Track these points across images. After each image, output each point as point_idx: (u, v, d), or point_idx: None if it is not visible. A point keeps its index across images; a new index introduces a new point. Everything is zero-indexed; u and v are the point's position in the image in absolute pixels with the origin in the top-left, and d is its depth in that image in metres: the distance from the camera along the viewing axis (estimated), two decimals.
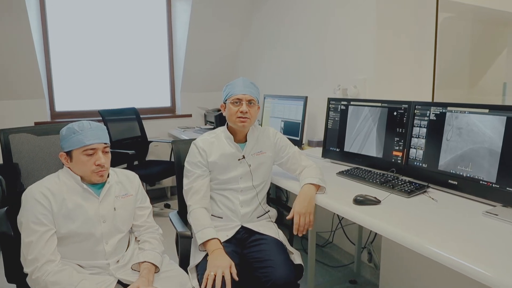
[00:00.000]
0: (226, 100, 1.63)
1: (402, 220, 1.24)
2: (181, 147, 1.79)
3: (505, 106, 1.33)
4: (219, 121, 3.34)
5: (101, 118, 3.15)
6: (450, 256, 0.99)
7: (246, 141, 1.67)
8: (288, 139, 1.78)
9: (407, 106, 1.71)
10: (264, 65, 3.50)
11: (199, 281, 1.37)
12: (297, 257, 1.55)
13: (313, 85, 2.81)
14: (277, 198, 3.07)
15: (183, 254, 1.53)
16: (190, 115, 4.01)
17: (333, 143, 2.06)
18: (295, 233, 1.48)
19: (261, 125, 1.89)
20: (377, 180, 1.61)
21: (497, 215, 1.22)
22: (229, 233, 1.58)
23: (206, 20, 3.55)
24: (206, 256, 1.43)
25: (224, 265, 1.34)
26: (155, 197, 3.77)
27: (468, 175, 1.41)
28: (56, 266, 1.21)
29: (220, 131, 1.69)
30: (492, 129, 1.34)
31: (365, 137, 1.90)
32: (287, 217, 1.51)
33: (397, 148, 1.74)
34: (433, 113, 1.56)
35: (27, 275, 1.24)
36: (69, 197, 1.31)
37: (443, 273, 1.59)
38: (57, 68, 3.40)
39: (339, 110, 2.04)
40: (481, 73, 2.36)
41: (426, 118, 1.59)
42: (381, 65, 2.25)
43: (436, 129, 1.55)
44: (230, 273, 1.33)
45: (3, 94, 3.10)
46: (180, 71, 3.87)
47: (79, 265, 1.31)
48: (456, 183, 1.45)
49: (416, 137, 1.64)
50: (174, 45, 3.90)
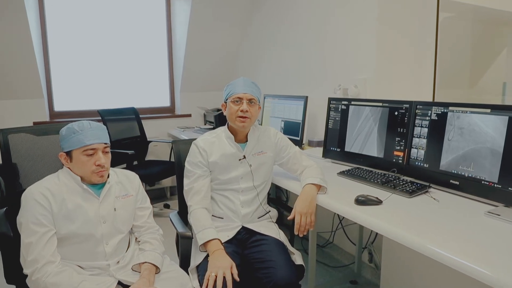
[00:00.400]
0: (226, 99, 1.63)
1: (404, 220, 1.23)
2: (181, 147, 1.78)
3: (507, 106, 1.33)
4: (218, 121, 3.33)
5: (100, 118, 3.14)
6: (452, 256, 0.98)
7: (247, 141, 1.66)
8: (288, 139, 1.77)
9: (408, 106, 1.70)
10: (264, 65, 3.49)
11: (200, 282, 1.37)
12: (298, 258, 1.55)
13: (313, 85, 2.80)
14: (277, 198, 3.06)
15: (184, 254, 1.52)
16: (189, 115, 4.00)
17: (334, 143, 2.06)
18: (296, 233, 1.47)
19: (261, 125, 1.88)
20: (379, 180, 1.60)
21: (499, 215, 1.21)
22: (230, 234, 1.57)
23: (205, 19, 3.54)
24: (207, 256, 1.43)
25: (225, 266, 1.34)
26: (155, 197, 3.76)
27: (470, 175, 1.41)
28: (56, 267, 1.21)
29: (220, 131, 1.68)
30: (494, 129, 1.34)
31: (366, 137, 1.89)
32: (288, 218, 1.50)
33: (398, 148, 1.73)
34: (434, 113, 1.56)
35: (26, 276, 1.22)
36: (69, 198, 1.30)
37: (445, 274, 1.59)
38: (56, 67, 3.39)
39: (339, 110, 2.04)
40: (481, 73, 2.36)
41: (427, 118, 1.59)
42: (382, 64, 2.25)
43: (437, 129, 1.54)
44: (231, 274, 1.33)
45: (1, 93, 3.09)
46: (179, 70, 3.86)
47: (79, 266, 1.30)
48: (457, 183, 1.45)
49: (417, 137, 1.63)
50: (173, 44, 3.89)
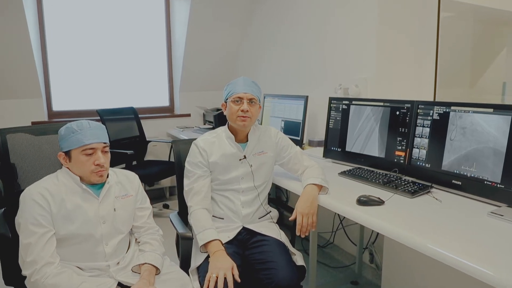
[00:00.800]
0: (227, 98, 1.61)
1: (406, 221, 1.22)
2: (181, 147, 1.77)
3: (510, 105, 1.32)
4: (218, 121, 3.31)
5: (99, 117, 3.12)
6: (454, 256, 0.97)
7: (247, 141, 1.65)
8: (289, 139, 1.76)
9: (410, 105, 1.69)
10: (264, 64, 3.48)
11: (201, 283, 1.35)
12: (299, 258, 1.54)
13: (313, 85, 2.79)
14: (277, 198, 3.05)
15: (184, 255, 1.51)
16: (188, 115, 3.98)
17: (335, 143, 2.05)
18: (297, 234, 1.46)
19: (260, 125, 1.87)
20: (380, 180, 1.59)
21: (502, 215, 1.20)
22: (231, 234, 1.56)
23: (205, 19, 3.53)
24: (207, 257, 1.41)
25: (226, 267, 1.33)
26: (154, 197, 3.74)
27: (472, 175, 1.40)
28: (55, 268, 1.19)
29: (221, 131, 1.67)
30: (496, 129, 1.33)
31: (367, 137, 1.88)
32: (290, 218, 1.49)
33: (400, 148, 1.73)
34: (436, 113, 1.55)
35: (25, 277, 1.21)
36: (68, 198, 1.28)
37: (447, 274, 1.58)
38: (54, 67, 3.37)
39: (340, 109, 2.03)
40: (480, 72, 2.35)
41: (429, 117, 1.58)
42: (382, 64, 2.24)
43: (439, 129, 1.53)
44: (232, 275, 1.31)
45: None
46: (178, 70, 3.84)
47: (79, 267, 1.28)
48: (460, 183, 1.44)
49: (419, 137, 1.62)
50: (172, 44, 3.87)
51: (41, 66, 3.26)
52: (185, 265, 1.49)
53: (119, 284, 1.29)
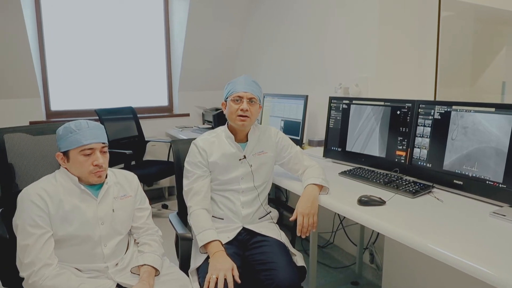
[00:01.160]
0: (227, 97, 1.60)
1: (407, 221, 1.22)
2: (180, 147, 1.75)
3: None
4: (217, 120, 3.30)
5: (97, 117, 3.11)
6: (455, 256, 0.97)
7: (247, 140, 1.63)
8: (289, 138, 1.75)
9: (410, 105, 1.68)
10: (264, 64, 3.47)
11: (201, 284, 1.34)
12: (299, 259, 1.53)
13: (313, 84, 2.78)
14: (276, 198, 3.04)
15: (184, 256, 1.50)
16: (187, 114, 3.97)
17: (335, 143, 2.04)
18: (298, 234, 1.45)
19: (260, 124, 1.86)
20: (381, 180, 1.58)
21: (504, 215, 1.20)
22: (230, 235, 1.55)
23: (204, 18, 3.52)
24: (207, 258, 1.40)
25: (226, 268, 1.32)
26: (153, 197, 3.73)
27: (474, 175, 1.39)
28: (53, 270, 1.18)
29: (220, 131, 1.66)
30: (498, 128, 1.32)
31: (367, 137, 1.87)
32: (291, 219, 1.48)
33: (401, 147, 1.72)
34: (437, 112, 1.54)
35: (23, 279, 1.20)
36: (66, 199, 1.27)
37: (448, 275, 1.57)
38: (52, 66, 3.35)
39: (341, 109, 2.02)
40: (480, 72, 2.35)
41: (430, 117, 1.57)
42: (383, 63, 2.23)
43: (440, 128, 1.52)
44: (232, 276, 1.30)
45: None
46: (177, 69, 3.83)
47: (77, 269, 1.27)
48: (461, 183, 1.43)
49: (420, 137, 1.61)
50: (171, 43, 3.86)
51: (39, 65, 3.24)
52: (184, 266, 1.48)
53: (118, 285, 1.28)
